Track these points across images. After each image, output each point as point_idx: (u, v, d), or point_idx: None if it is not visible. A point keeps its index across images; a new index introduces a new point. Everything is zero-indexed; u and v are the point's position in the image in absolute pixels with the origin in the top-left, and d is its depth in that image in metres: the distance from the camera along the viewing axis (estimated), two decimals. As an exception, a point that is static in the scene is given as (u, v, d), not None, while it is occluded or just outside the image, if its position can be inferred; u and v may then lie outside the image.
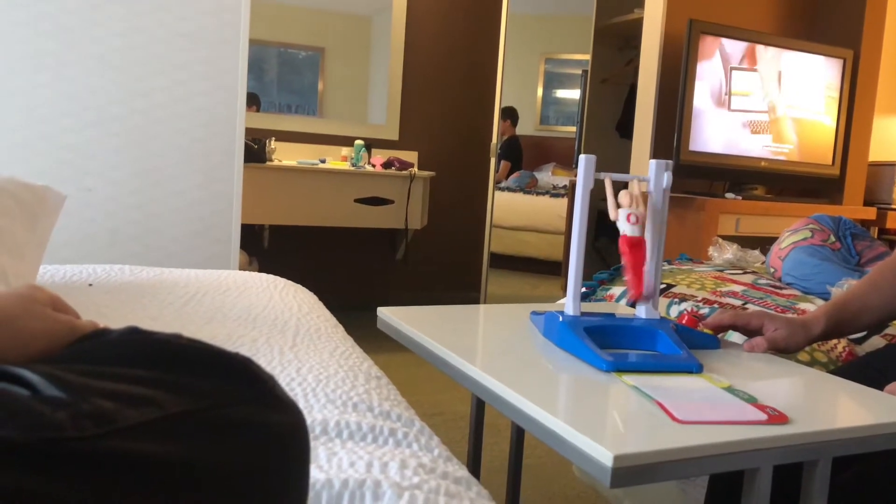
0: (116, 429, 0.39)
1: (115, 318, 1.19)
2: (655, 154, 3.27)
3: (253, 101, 3.82)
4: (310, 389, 0.90)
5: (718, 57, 3.11)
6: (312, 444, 0.76)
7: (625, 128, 4.84)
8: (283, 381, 0.92)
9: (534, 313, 1.17)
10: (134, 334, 0.50)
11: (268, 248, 3.67)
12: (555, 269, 5.25)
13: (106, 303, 1.30)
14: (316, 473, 0.67)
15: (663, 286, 1.68)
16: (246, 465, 0.45)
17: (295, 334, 1.16)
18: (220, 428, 0.45)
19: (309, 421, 0.79)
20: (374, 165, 3.63)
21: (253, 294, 1.44)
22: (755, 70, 3.20)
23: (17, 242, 1.20)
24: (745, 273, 1.82)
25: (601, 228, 4.75)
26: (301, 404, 0.85)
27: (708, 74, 3.09)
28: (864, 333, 1.37)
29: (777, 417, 0.78)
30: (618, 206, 1.02)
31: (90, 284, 1.44)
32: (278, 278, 1.65)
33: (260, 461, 0.46)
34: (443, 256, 4.23)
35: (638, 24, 3.50)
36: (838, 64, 3.41)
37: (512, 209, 5.78)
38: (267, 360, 1.00)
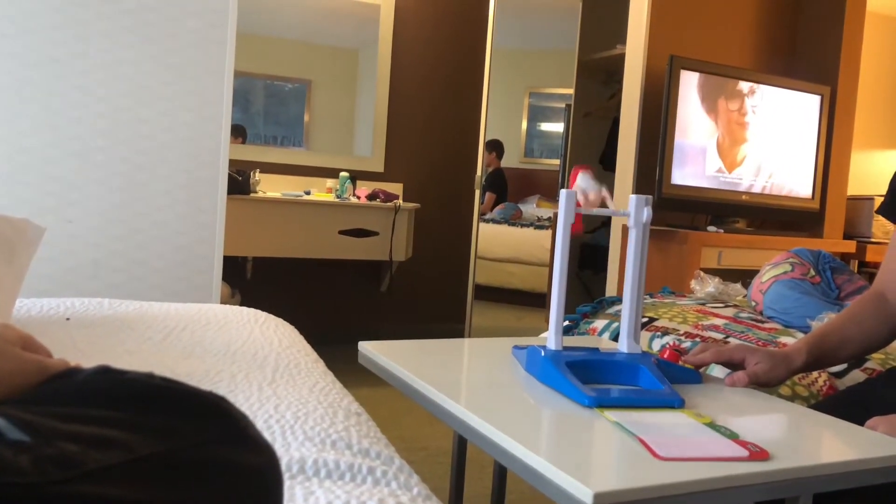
0: (80, 473, 0.38)
1: (92, 354, 1.17)
2: (638, 186, 3.30)
3: (239, 133, 3.83)
4: (288, 427, 0.88)
5: (699, 92, 3.16)
6: (289, 483, 0.74)
7: (608, 160, 4.89)
8: (262, 417, 0.91)
9: (516, 347, 1.16)
10: (104, 374, 0.49)
11: (251, 279, 3.65)
12: (540, 300, 5.25)
13: (84, 337, 1.28)
14: (292, 514, 0.66)
15: (645, 319, 1.68)
16: (216, 507, 0.44)
17: (274, 370, 1.15)
18: (189, 469, 0.44)
19: (286, 459, 0.78)
20: (358, 197, 3.64)
21: (233, 328, 1.42)
22: (735, 105, 3.26)
23: (-6, 276, 1.19)
24: (727, 306, 1.83)
25: (585, 260, 4.77)
26: (279, 442, 0.84)
27: (689, 109, 3.13)
28: (845, 367, 1.37)
29: (758, 454, 0.78)
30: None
31: (68, 319, 1.42)
32: (259, 312, 1.64)
33: (230, 503, 0.45)
34: (427, 288, 4.22)
35: (620, 59, 3.55)
36: (816, 99, 3.47)
37: (497, 241, 5.80)
38: (245, 397, 0.99)
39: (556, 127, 6.98)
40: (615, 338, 1.57)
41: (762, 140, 3.34)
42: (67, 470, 0.37)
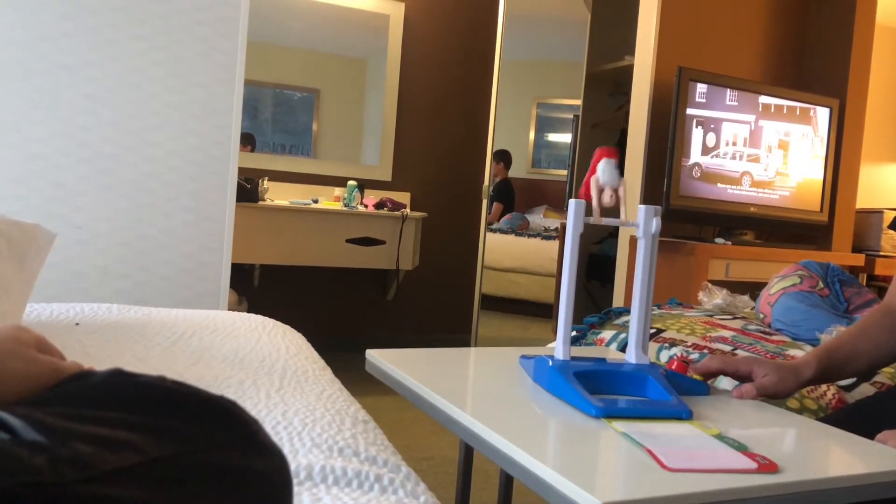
0: (95, 474, 0.38)
1: (101, 358, 1.17)
2: (646, 198, 3.30)
3: (248, 141, 3.85)
4: (295, 433, 0.89)
5: (707, 103, 3.16)
6: (297, 489, 0.74)
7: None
8: (269, 424, 0.91)
9: (523, 357, 1.16)
10: (117, 377, 0.49)
11: (258, 287, 3.66)
12: (546, 311, 5.24)
13: (92, 342, 1.28)
14: (299, 520, 0.66)
15: (653, 331, 1.68)
16: (227, 511, 0.44)
17: (282, 377, 1.15)
18: (200, 472, 0.44)
19: (294, 466, 0.78)
20: (366, 206, 3.65)
21: (241, 335, 1.43)
22: (743, 117, 3.26)
23: (5, 281, 1.19)
24: (735, 318, 1.82)
25: (592, 271, 4.76)
26: (286, 448, 0.84)
27: (697, 120, 3.13)
28: (854, 380, 1.37)
29: (767, 466, 0.78)
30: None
31: (77, 324, 1.43)
32: (267, 319, 1.64)
33: (241, 508, 0.45)
34: (434, 298, 4.22)
35: (628, 70, 3.56)
36: (825, 112, 3.47)
37: (503, 251, 5.79)
38: (253, 403, 0.99)
39: (564, 138, 6.98)
40: (623, 348, 1.57)
41: (771, 152, 3.33)
42: (82, 471, 0.38)
